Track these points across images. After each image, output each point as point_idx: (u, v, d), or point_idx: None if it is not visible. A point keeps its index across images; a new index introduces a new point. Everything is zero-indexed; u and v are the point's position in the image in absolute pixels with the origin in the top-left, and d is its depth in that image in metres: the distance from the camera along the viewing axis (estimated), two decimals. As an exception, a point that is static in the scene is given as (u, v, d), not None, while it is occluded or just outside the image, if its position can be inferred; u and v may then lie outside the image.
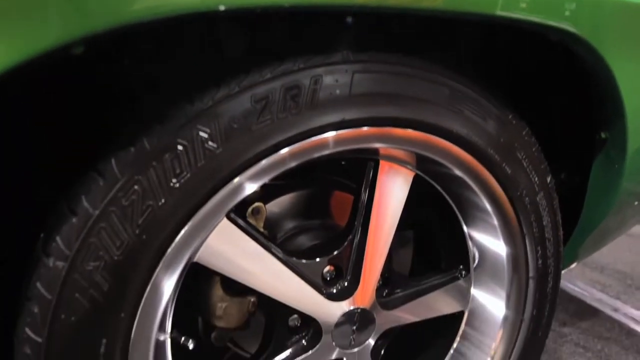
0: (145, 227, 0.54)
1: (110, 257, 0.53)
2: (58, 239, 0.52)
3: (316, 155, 0.63)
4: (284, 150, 0.60)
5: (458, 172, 0.75)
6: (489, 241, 0.83)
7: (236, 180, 0.58)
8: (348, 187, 0.93)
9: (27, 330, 0.53)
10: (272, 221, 0.86)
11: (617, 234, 1.20)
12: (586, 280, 1.83)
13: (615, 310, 1.62)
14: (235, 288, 0.82)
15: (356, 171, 0.79)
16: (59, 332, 0.53)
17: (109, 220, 0.53)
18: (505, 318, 0.83)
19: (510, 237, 0.81)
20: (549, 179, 0.83)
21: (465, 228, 0.84)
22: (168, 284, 0.60)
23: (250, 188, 0.61)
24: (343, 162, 0.96)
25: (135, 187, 0.53)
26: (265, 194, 0.87)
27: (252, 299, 0.83)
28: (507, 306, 0.83)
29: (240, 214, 0.67)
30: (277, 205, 0.88)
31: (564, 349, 1.41)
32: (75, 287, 0.53)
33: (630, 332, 1.49)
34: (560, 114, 0.95)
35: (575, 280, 1.84)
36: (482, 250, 0.85)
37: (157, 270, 0.57)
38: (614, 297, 1.70)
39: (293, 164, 0.62)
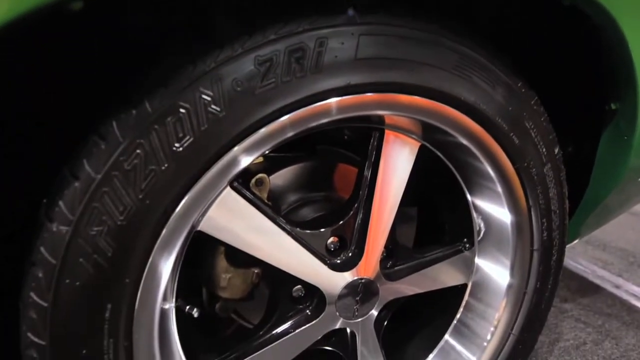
0: (149, 192, 0.53)
1: (113, 222, 0.53)
2: (61, 203, 0.52)
3: (321, 122, 0.62)
4: (288, 116, 0.58)
5: (464, 142, 0.73)
6: (494, 210, 0.82)
7: (240, 145, 0.57)
8: (352, 160, 0.92)
9: (32, 294, 0.53)
10: (276, 193, 0.86)
11: (619, 211, 1.20)
12: (588, 258, 1.84)
13: (617, 287, 1.63)
14: (239, 259, 0.82)
15: (361, 143, 0.78)
16: (64, 297, 0.53)
17: (112, 184, 0.52)
18: (510, 286, 0.83)
19: (515, 208, 0.80)
20: (556, 150, 0.82)
21: (469, 197, 0.83)
22: (172, 251, 0.60)
23: (255, 154, 0.60)
24: (346, 136, 0.95)
25: (138, 151, 0.52)
26: (269, 165, 0.86)
27: (255, 271, 0.83)
28: (512, 274, 0.83)
29: (243, 185, 0.67)
30: (280, 177, 0.87)
31: (565, 324, 1.42)
32: (79, 252, 0.53)
33: (631, 308, 1.50)
34: (570, 84, 0.93)
35: (578, 258, 1.84)
36: (487, 220, 0.84)
37: (161, 236, 0.56)
38: (615, 275, 1.71)
39: (297, 131, 0.61)
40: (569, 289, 1.62)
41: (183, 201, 0.56)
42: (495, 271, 0.84)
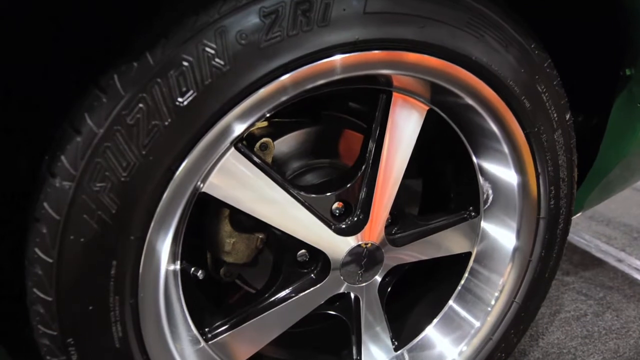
0: (152, 148, 0.52)
1: (117, 178, 0.52)
2: (63, 158, 0.51)
3: (327, 80, 0.60)
4: (294, 73, 0.57)
5: (474, 105, 0.72)
6: (502, 172, 0.81)
7: (245, 102, 0.55)
8: (358, 127, 0.91)
9: (37, 250, 0.53)
10: (280, 158, 0.85)
11: (624, 185, 1.18)
12: (592, 233, 1.84)
13: (620, 261, 1.63)
14: (244, 224, 0.82)
15: (367, 109, 0.76)
16: (69, 253, 0.53)
17: (114, 139, 0.51)
18: (515, 250, 0.83)
19: (523, 174, 0.79)
20: (567, 117, 0.80)
21: (475, 160, 0.82)
22: (176, 211, 0.59)
23: (259, 113, 0.58)
24: (352, 103, 0.93)
25: (140, 105, 0.51)
26: (274, 130, 0.85)
27: (260, 236, 0.83)
28: (518, 238, 0.82)
29: (248, 148, 0.65)
30: (285, 142, 0.86)
31: (566, 296, 1.43)
32: (82, 208, 0.52)
33: (634, 281, 1.51)
34: (583, 49, 0.90)
35: (581, 233, 1.84)
36: (494, 185, 0.83)
37: (166, 193, 0.56)
38: (618, 249, 1.71)
39: (302, 90, 0.60)
40: (572, 263, 1.62)
41: (187, 159, 0.55)
42: (502, 235, 0.84)
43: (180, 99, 0.52)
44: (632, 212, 2.03)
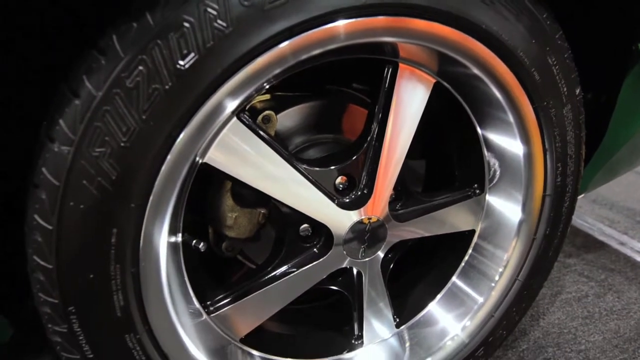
0: (152, 112, 0.51)
1: (116, 143, 0.51)
2: (61, 122, 0.50)
3: (331, 46, 0.58)
4: (298, 38, 0.55)
5: (482, 76, 0.70)
6: (508, 143, 0.79)
7: (247, 67, 0.54)
8: (362, 102, 0.89)
9: (37, 217, 0.52)
10: (283, 132, 0.83)
11: (629, 167, 1.17)
12: (595, 216, 1.83)
13: (622, 244, 1.62)
14: (246, 198, 0.81)
15: (374, 80, 0.74)
16: (69, 220, 0.52)
17: (114, 103, 0.50)
18: (521, 224, 0.82)
19: (530, 149, 0.77)
20: (577, 91, 0.78)
21: (480, 131, 0.80)
22: (177, 179, 0.58)
23: (262, 79, 0.57)
24: (357, 75, 0.91)
25: (140, 67, 0.49)
26: (276, 104, 0.83)
27: (262, 211, 0.82)
28: (523, 210, 0.81)
29: (251, 120, 0.64)
30: (288, 116, 0.84)
31: (568, 277, 1.43)
32: (82, 174, 0.51)
33: (635, 264, 1.50)
34: (593, 23, 0.88)
35: (584, 216, 1.83)
36: (500, 158, 0.81)
37: (167, 161, 0.54)
38: (621, 232, 1.70)
39: (307, 56, 0.58)
40: (574, 245, 1.62)
41: (188, 126, 0.54)
42: (508, 208, 0.83)
43: (181, 62, 0.50)
44: (635, 196, 2.02)
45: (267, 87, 0.61)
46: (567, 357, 1.10)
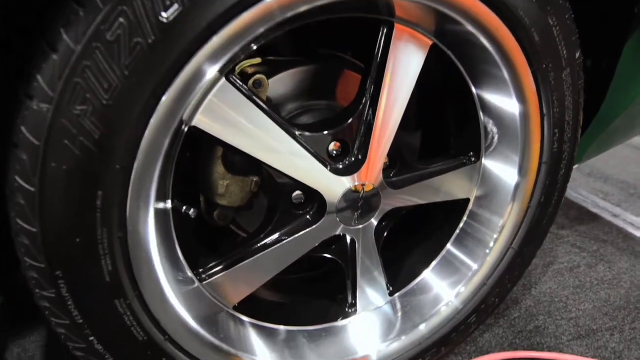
0: (135, 68, 0.49)
1: (98, 101, 0.49)
2: (39, 78, 0.47)
3: (321, 2, 0.56)
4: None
5: (479, 36, 0.67)
6: (503, 102, 0.77)
7: (236, 22, 0.51)
8: (356, 67, 0.87)
9: (18, 179, 0.50)
10: (275, 98, 0.81)
11: (626, 137, 1.16)
12: (589, 189, 1.83)
13: (615, 216, 1.63)
14: (237, 166, 0.80)
15: (368, 44, 0.71)
16: (52, 182, 0.51)
17: (94, 58, 0.47)
18: (517, 187, 0.81)
19: (526, 109, 0.75)
20: (578, 55, 0.76)
21: (475, 91, 0.78)
22: (165, 141, 0.56)
23: (248, 37, 0.54)
24: (350, 42, 0.88)
25: (121, 20, 0.46)
26: (268, 69, 0.80)
27: (254, 179, 0.81)
28: (520, 173, 0.80)
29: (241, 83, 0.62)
30: (280, 81, 0.82)
31: (560, 249, 1.44)
32: (63, 133, 0.49)
33: (628, 235, 1.52)
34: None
35: (579, 189, 1.83)
36: (497, 120, 0.80)
37: (152, 121, 0.52)
38: (615, 205, 1.71)
39: (294, 13, 0.55)
40: (568, 217, 1.62)
41: (174, 84, 0.52)
42: (504, 171, 0.82)
43: (164, 14, 0.47)
44: (630, 169, 2.03)
45: (255, 47, 0.59)
46: (558, 325, 1.12)
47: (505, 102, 0.76)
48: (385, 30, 0.69)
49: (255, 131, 0.64)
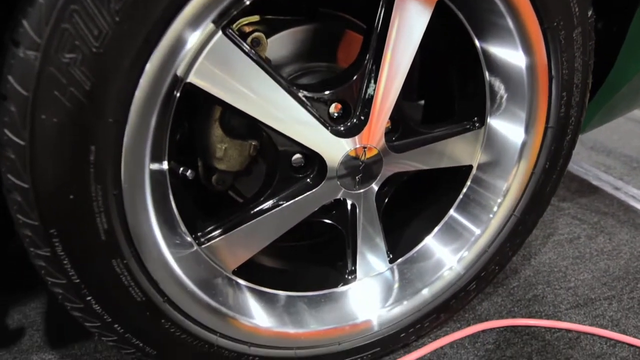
0: (126, 14, 0.46)
1: (88, 48, 0.46)
2: (25, 23, 0.45)
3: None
4: None
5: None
6: (508, 55, 0.74)
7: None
8: (358, 27, 0.84)
9: (7, 132, 0.49)
10: (274, 58, 0.78)
11: (628, 108, 1.13)
12: (592, 162, 1.82)
13: (617, 189, 1.62)
14: (236, 130, 0.78)
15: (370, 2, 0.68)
16: (42, 135, 0.49)
17: (82, 2, 0.44)
18: (523, 147, 0.79)
19: (532, 61, 0.73)
20: (589, 13, 0.73)
21: (478, 44, 0.75)
22: (159, 95, 0.54)
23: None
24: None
25: (109, -41, 0.43)
26: (266, 28, 0.77)
27: (253, 143, 0.79)
28: (526, 132, 0.78)
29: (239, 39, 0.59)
30: (278, 40, 0.79)
31: (561, 220, 1.43)
32: (52, 83, 0.47)
33: (629, 208, 1.51)
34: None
35: (581, 162, 1.82)
36: (502, 75, 0.77)
37: (145, 72, 0.50)
38: (616, 178, 1.70)
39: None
40: (569, 190, 1.61)
41: (167, 32, 0.49)
42: (510, 130, 0.79)
43: (155, -46, 0.44)
44: (633, 143, 2.01)
45: (248, 2, 0.56)
46: (556, 294, 1.12)
47: (511, 55, 0.73)
48: (390, -16, 0.66)
49: (254, 90, 0.62)
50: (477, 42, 0.74)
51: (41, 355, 0.92)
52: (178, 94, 0.58)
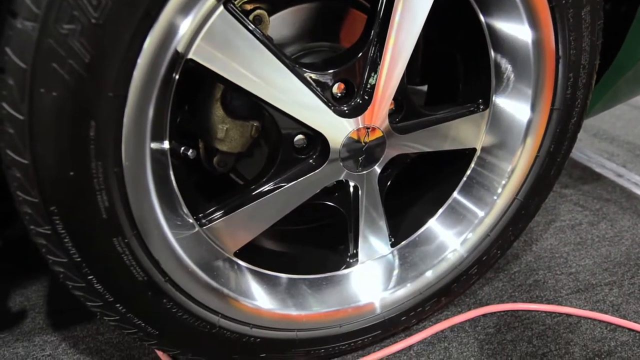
0: (126, -17, 0.45)
1: (87, 20, 0.45)
2: (22, -7, 0.44)
3: None
4: None
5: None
6: (514, 29, 0.72)
7: None
8: (362, 6, 0.82)
9: (5, 105, 0.48)
10: (276, 38, 0.77)
11: (633, 93, 1.12)
12: (595, 150, 1.81)
13: (619, 176, 1.62)
14: (237, 110, 0.77)
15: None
16: (41, 109, 0.48)
17: (80, -30, 0.43)
18: (529, 125, 0.78)
19: (539, 45, 0.71)
20: (598, -9, 0.72)
21: (485, 19, 0.73)
22: (160, 69, 0.53)
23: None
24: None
25: None
26: (268, 6, 0.76)
27: (255, 124, 0.78)
28: (532, 109, 0.77)
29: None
30: (281, 18, 0.77)
31: (563, 207, 1.43)
32: (51, 55, 0.46)
33: (631, 195, 1.50)
34: None
35: (584, 149, 1.81)
36: (508, 53, 0.75)
37: (145, 45, 0.49)
38: (619, 165, 1.69)
39: None
40: (571, 177, 1.61)
41: (168, 5, 0.48)
42: (516, 108, 0.78)
43: None
44: (636, 131, 1.99)
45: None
46: (557, 279, 1.12)
47: (517, 30, 0.71)
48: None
49: (256, 68, 0.61)
50: (481, 17, 0.73)
51: (43, 337, 0.92)
52: (179, 72, 0.57)
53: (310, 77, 0.66)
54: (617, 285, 1.11)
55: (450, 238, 0.87)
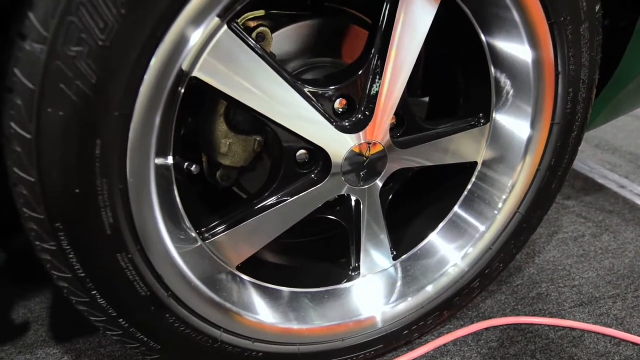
0: (132, 7, 0.46)
1: (94, 42, 0.46)
2: (32, 16, 0.45)
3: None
4: None
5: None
6: (514, 49, 0.73)
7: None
8: (363, 23, 0.83)
9: (14, 125, 0.49)
10: (279, 54, 0.78)
11: (631, 108, 1.13)
12: (597, 161, 1.81)
13: (622, 187, 1.61)
14: (240, 125, 0.78)
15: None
16: (48, 129, 0.49)
17: (88, -6, 0.44)
18: (529, 142, 0.79)
19: (539, 64, 0.72)
20: (597, 8, 0.72)
21: (485, 38, 0.74)
22: (165, 88, 0.54)
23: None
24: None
25: (116, -48, 0.43)
26: (271, 23, 0.77)
27: (258, 139, 0.79)
28: (532, 127, 0.78)
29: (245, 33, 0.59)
30: (284, 35, 0.79)
31: (565, 218, 1.42)
32: (59, 76, 0.47)
33: (634, 206, 1.50)
34: None
35: (586, 160, 1.81)
36: (509, 70, 0.76)
37: (151, 65, 0.50)
38: (622, 176, 1.69)
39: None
40: (574, 188, 1.61)
41: (173, 26, 0.49)
42: (516, 126, 0.79)
43: (162, -53, 0.44)
44: (639, 141, 1.99)
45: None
46: (561, 292, 1.12)
47: (518, 50, 0.72)
48: (396, -21, 0.66)
49: (259, 85, 0.62)
50: (482, 37, 0.74)
51: (46, 350, 0.92)
52: (183, 89, 0.58)
53: (312, 94, 0.67)
54: (621, 298, 1.11)
55: (451, 252, 0.87)
